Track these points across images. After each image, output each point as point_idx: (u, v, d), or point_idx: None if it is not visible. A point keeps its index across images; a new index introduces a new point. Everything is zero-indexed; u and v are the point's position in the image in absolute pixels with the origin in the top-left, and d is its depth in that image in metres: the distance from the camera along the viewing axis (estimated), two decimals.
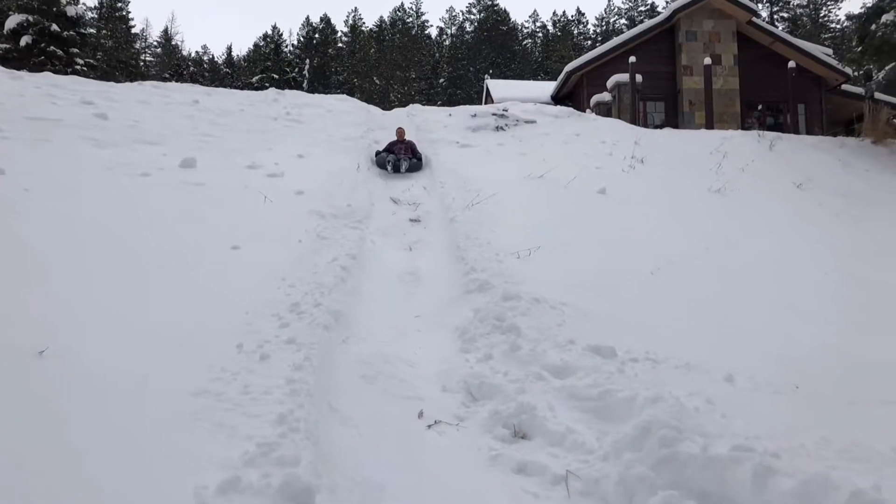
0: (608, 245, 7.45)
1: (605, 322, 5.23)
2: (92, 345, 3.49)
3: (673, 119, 18.25)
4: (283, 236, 6.42)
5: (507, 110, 14.45)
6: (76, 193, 6.23)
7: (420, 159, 11.27)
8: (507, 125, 13.75)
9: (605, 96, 17.91)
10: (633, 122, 15.92)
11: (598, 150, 11.93)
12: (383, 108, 17.14)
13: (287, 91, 15.22)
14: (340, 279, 5.71)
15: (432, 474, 3.24)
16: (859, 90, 18.34)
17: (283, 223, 6.79)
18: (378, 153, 11.28)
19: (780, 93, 17.90)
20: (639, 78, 16.92)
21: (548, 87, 22.50)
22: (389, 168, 10.81)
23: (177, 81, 20.24)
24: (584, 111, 16.59)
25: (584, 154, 11.57)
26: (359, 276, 6.28)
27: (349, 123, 13.09)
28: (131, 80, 17.00)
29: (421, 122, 14.15)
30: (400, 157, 10.95)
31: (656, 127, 16.43)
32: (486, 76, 28.90)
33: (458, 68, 49.41)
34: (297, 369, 3.68)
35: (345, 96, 16.07)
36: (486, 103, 22.24)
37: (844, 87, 19.09)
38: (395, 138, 11.85)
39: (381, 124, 13.78)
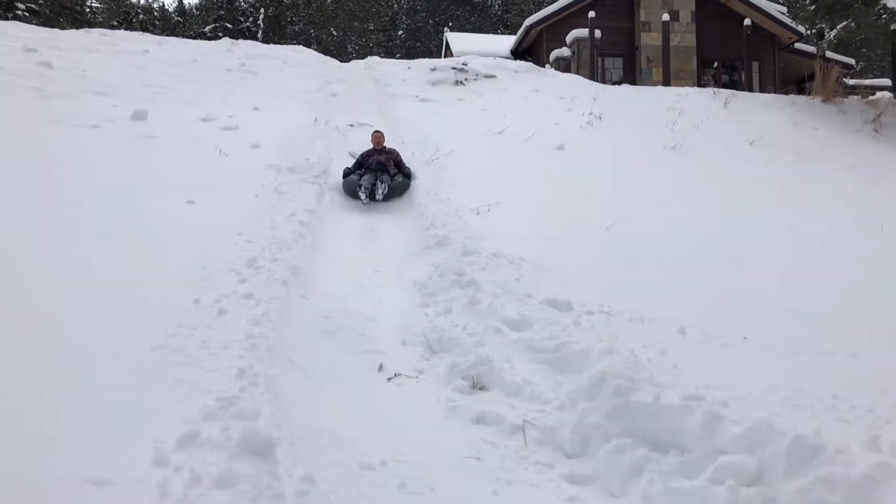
0: (566, 201, 7.52)
1: (562, 276, 5.31)
2: (45, 301, 3.42)
3: (631, 75, 18.31)
4: (240, 191, 6.32)
5: (466, 64, 14.31)
6: (21, 145, 6.02)
7: (408, 175, 8.20)
8: (466, 79, 13.63)
9: (565, 51, 17.84)
10: (592, 77, 15.93)
11: (557, 106, 11.94)
12: (341, 61, 16.79)
13: (241, 41, 14.75)
14: (299, 234, 5.67)
15: (392, 425, 3.29)
16: (811, 49, 18.59)
17: (239, 177, 6.67)
18: (347, 172, 8.02)
19: (736, 50, 18.07)
20: (598, 33, 16.88)
21: (507, 42, 22.28)
22: (363, 196, 7.55)
23: (126, 30, 19.50)
24: (544, 66, 16.52)
25: (544, 110, 11.56)
26: (317, 231, 6.25)
27: (306, 76, 12.81)
28: (77, 28, 16.31)
29: (379, 75, 13.93)
30: (377, 178, 7.85)
31: (615, 83, 16.48)
32: (445, 29, 28.47)
33: (416, 20, 48.56)
34: (255, 324, 3.66)
35: (301, 47, 15.66)
36: (445, 57, 21.96)
37: (797, 45, 19.34)
38: (369, 146, 8.66)
39: (338, 77, 13.53)
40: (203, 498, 2.11)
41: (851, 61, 19.31)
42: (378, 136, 8.69)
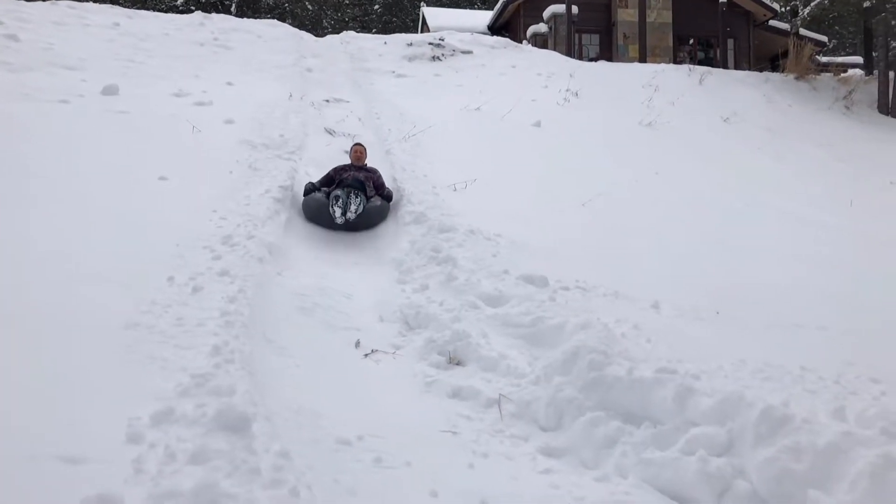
0: (542, 177, 7.54)
1: (538, 252, 5.33)
2: (10, 278, 3.37)
3: (607, 52, 18.29)
4: (213, 167, 6.23)
5: (443, 40, 14.21)
6: None
7: (389, 197, 6.56)
8: (443, 55, 13.55)
9: (542, 27, 17.77)
10: (569, 54, 15.91)
11: (533, 83, 11.92)
12: (316, 35, 16.57)
13: (214, 15, 14.50)
14: (274, 211, 5.61)
15: (368, 401, 3.31)
16: (785, 26, 18.69)
17: (213, 154, 6.58)
18: (310, 188, 6.38)
19: (711, 27, 18.13)
20: (575, 9, 16.82)
21: (484, 17, 22.12)
22: (338, 212, 5.92)
23: (95, 2, 19.04)
24: (521, 42, 16.45)
25: (521, 86, 11.53)
26: (293, 208, 6.20)
27: (280, 50, 12.63)
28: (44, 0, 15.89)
29: (355, 50, 13.78)
30: (350, 194, 6.14)
31: (591, 59, 16.48)
32: (422, 3, 28.17)
33: None
34: (231, 301, 3.64)
35: (276, 21, 15.43)
36: (422, 32, 21.75)
37: (772, 22, 19.43)
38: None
39: (313, 52, 13.36)
40: (178, 474, 2.10)
41: (824, 39, 19.48)
42: (359, 150, 6.98)
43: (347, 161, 7.09)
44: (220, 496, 2.01)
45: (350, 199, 6.06)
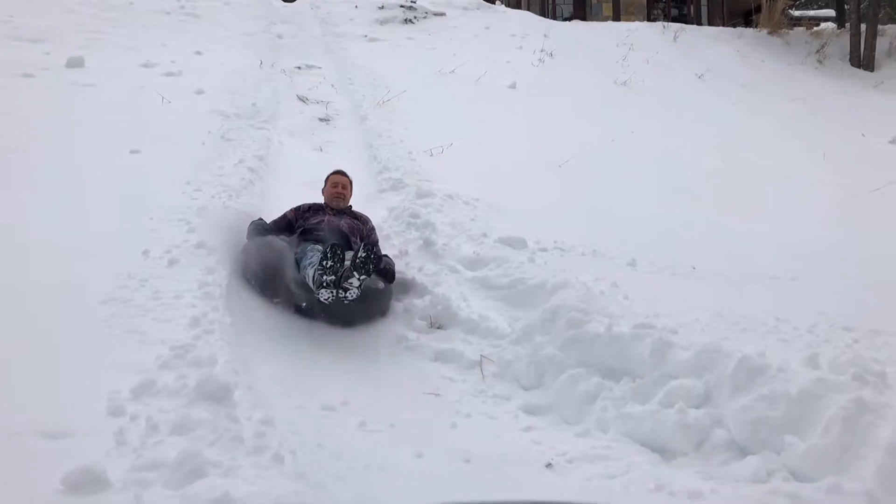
0: (519, 140, 7.51)
1: (517, 215, 5.33)
2: None
3: (581, 11, 18.14)
4: (185, 138, 6.12)
5: (415, 2, 14.00)
6: None
7: (390, 273, 3.95)
8: (415, 18, 13.37)
9: None
10: (543, 14, 15.78)
11: (508, 44, 11.83)
12: (285, 1, 16.25)
13: None
14: (249, 182, 5.54)
15: (351, 367, 3.33)
16: None
17: (184, 125, 6.46)
18: (259, 229, 4.19)
19: None
20: None
21: None
22: (320, 280, 3.37)
23: None
24: (494, 3, 16.26)
25: (495, 48, 11.44)
26: (267, 178, 6.12)
27: (249, 17, 12.37)
28: None
29: (326, 14, 13.54)
30: (338, 257, 3.40)
31: (565, 19, 16.35)
32: None
33: None
34: (208, 273, 3.60)
35: None
36: None
37: None
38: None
39: (283, 18, 13.10)
40: (161, 444, 2.10)
41: None
42: (340, 184, 4.57)
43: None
44: (203, 464, 2.01)
45: (352, 274, 3.40)
